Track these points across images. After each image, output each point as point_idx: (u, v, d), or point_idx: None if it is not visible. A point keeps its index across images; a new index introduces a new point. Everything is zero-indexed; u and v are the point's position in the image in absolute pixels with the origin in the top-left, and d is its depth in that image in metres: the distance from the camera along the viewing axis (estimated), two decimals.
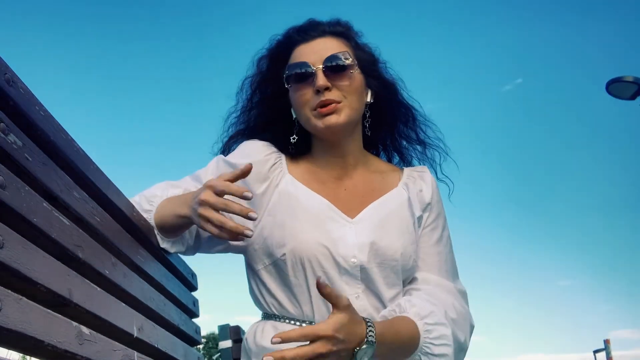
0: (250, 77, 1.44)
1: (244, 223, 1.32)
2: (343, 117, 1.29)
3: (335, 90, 1.29)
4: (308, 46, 1.33)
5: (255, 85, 1.43)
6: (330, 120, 1.28)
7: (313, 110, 1.30)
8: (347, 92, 1.30)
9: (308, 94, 1.30)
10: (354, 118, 1.33)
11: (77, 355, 0.86)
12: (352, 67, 1.31)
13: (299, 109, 1.33)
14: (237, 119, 1.46)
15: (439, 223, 1.40)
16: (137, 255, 1.22)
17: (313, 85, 1.29)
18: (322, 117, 1.28)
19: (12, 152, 0.78)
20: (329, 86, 1.28)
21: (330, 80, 1.28)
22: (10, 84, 0.81)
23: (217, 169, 1.36)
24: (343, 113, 1.29)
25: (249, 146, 1.37)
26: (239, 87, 1.45)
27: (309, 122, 1.32)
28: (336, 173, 1.37)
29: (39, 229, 0.82)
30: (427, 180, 1.42)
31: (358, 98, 1.32)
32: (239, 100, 1.45)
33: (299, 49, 1.34)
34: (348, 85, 1.30)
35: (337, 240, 1.27)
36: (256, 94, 1.43)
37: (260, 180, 1.32)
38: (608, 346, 12.16)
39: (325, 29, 1.35)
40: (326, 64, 1.29)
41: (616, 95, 7.69)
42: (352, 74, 1.30)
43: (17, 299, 0.73)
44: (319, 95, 1.28)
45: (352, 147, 1.37)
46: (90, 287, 0.96)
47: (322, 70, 1.28)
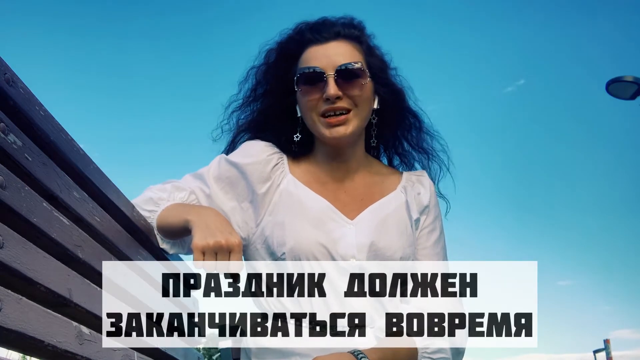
0: (256, 68, 1.42)
1: (244, 224, 1.33)
2: (351, 129, 1.29)
3: (346, 98, 1.28)
4: (321, 48, 1.31)
5: (261, 76, 1.41)
6: (339, 131, 1.28)
7: (321, 116, 1.29)
8: (357, 101, 1.29)
9: (317, 99, 1.29)
10: (361, 127, 1.34)
11: (77, 355, 0.86)
12: (363, 78, 1.30)
13: (306, 112, 1.32)
14: (240, 109, 1.44)
15: (436, 225, 1.40)
16: (137, 255, 1.22)
17: (323, 90, 1.28)
18: (330, 127, 1.28)
19: (12, 152, 0.78)
20: (340, 95, 1.27)
21: (341, 89, 1.27)
22: (10, 84, 0.81)
23: (219, 168, 1.36)
24: (351, 124, 1.29)
25: (251, 146, 1.37)
26: (244, 77, 1.43)
27: (315, 127, 1.32)
28: (337, 175, 1.37)
29: (39, 229, 0.82)
30: (426, 183, 1.42)
31: (367, 107, 1.32)
32: (241, 89, 1.44)
33: (311, 50, 1.32)
34: (359, 95, 1.29)
35: (336, 240, 1.27)
36: (261, 86, 1.42)
37: (263, 180, 1.32)
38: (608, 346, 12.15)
39: (339, 30, 1.33)
40: (338, 72, 1.28)
41: (616, 95, 7.68)
42: (363, 84, 1.30)
43: (17, 299, 0.73)
44: (328, 102, 1.28)
45: (356, 153, 1.37)
46: (90, 287, 0.96)
47: (334, 78, 1.27)
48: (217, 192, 1.33)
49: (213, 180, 1.34)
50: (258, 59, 1.42)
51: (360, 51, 1.34)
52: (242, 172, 1.33)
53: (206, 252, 1.09)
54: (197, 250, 1.10)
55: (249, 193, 1.33)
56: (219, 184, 1.34)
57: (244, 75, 1.43)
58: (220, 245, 1.09)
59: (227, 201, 1.33)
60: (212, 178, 1.34)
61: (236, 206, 1.33)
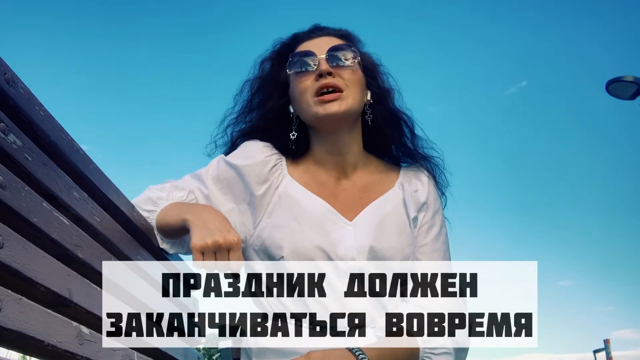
0: (250, 80, 1.44)
1: (241, 226, 1.33)
2: (344, 106, 1.29)
3: (338, 77, 1.30)
4: (312, 42, 1.36)
5: (256, 87, 1.43)
6: (332, 107, 1.29)
7: (314, 96, 1.30)
8: (349, 82, 1.31)
9: (310, 80, 1.31)
10: (354, 109, 1.33)
11: (77, 355, 0.86)
12: (354, 58, 1.33)
13: (299, 96, 1.33)
14: (235, 121, 1.45)
15: (435, 221, 1.39)
16: (137, 255, 1.22)
17: (315, 71, 1.30)
18: (324, 104, 1.29)
19: (12, 152, 0.78)
20: (332, 72, 1.30)
21: (333, 69, 1.30)
22: (10, 84, 0.81)
23: (218, 169, 1.36)
24: (345, 102, 1.30)
25: (250, 147, 1.37)
26: (239, 90, 1.45)
27: (309, 109, 1.31)
28: (336, 173, 1.37)
29: (39, 229, 0.82)
30: (423, 179, 1.41)
31: (359, 91, 1.33)
32: (236, 103, 1.45)
33: (304, 44, 1.36)
34: (350, 76, 1.32)
35: (336, 243, 1.27)
36: (256, 97, 1.43)
37: (261, 181, 1.33)
38: (608, 346, 12.15)
39: (330, 31, 1.39)
40: (330, 51, 1.31)
41: (616, 95, 7.68)
42: (354, 66, 1.33)
43: (17, 299, 0.73)
44: (321, 79, 1.29)
45: (352, 145, 1.37)
46: (90, 287, 0.96)
47: (326, 58, 1.31)
48: (216, 193, 1.33)
49: (211, 181, 1.34)
50: (252, 71, 1.44)
51: (352, 44, 1.37)
52: (240, 173, 1.33)
53: (205, 252, 1.10)
54: (196, 251, 1.10)
55: (247, 195, 1.33)
56: (217, 185, 1.34)
57: (238, 88, 1.45)
58: (218, 244, 1.10)
59: (225, 202, 1.33)
60: (211, 179, 1.35)
61: (234, 208, 1.33)
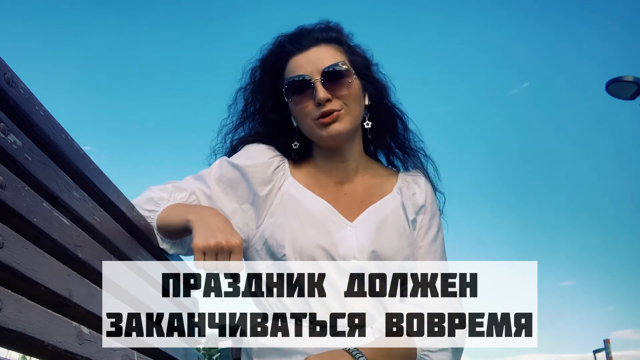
0: (243, 88, 1.44)
1: (244, 226, 1.33)
2: (345, 125, 1.31)
3: (336, 100, 1.30)
4: (303, 56, 1.33)
5: (250, 95, 1.43)
6: (334, 128, 1.30)
7: (315, 120, 1.31)
8: (347, 100, 1.31)
9: (309, 106, 1.31)
10: (355, 124, 1.35)
11: (77, 355, 0.86)
12: (349, 76, 1.32)
13: (301, 120, 1.34)
14: (233, 130, 1.45)
15: (433, 223, 1.41)
16: (137, 255, 1.22)
17: (313, 96, 1.30)
18: (325, 126, 1.30)
19: (12, 152, 0.78)
20: (330, 98, 1.29)
21: (329, 91, 1.29)
22: (10, 84, 0.81)
23: (221, 169, 1.36)
24: (344, 120, 1.31)
25: (253, 149, 1.38)
26: (232, 100, 1.45)
27: (312, 133, 1.33)
28: (337, 177, 1.38)
29: (39, 229, 0.82)
30: (420, 183, 1.43)
31: (357, 104, 1.34)
32: (231, 113, 1.46)
33: (294, 60, 1.34)
34: (347, 94, 1.31)
35: (337, 242, 1.28)
36: (251, 106, 1.44)
37: (265, 182, 1.33)
38: (608, 346, 12.14)
39: (317, 36, 1.35)
40: (324, 75, 1.30)
41: (616, 95, 7.68)
42: (350, 82, 1.32)
43: (17, 299, 0.73)
44: (320, 106, 1.29)
45: (353, 152, 1.38)
46: (90, 287, 0.96)
47: (321, 82, 1.29)
48: (218, 193, 1.33)
49: (214, 181, 1.35)
50: (243, 79, 1.44)
51: (342, 52, 1.36)
52: (243, 174, 1.33)
53: (207, 253, 1.10)
54: (198, 251, 1.10)
55: (250, 195, 1.33)
56: (220, 185, 1.34)
57: (232, 98, 1.45)
58: (221, 246, 1.10)
59: (228, 203, 1.33)
60: (213, 179, 1.35)
61: (237, 208, 1.33)
